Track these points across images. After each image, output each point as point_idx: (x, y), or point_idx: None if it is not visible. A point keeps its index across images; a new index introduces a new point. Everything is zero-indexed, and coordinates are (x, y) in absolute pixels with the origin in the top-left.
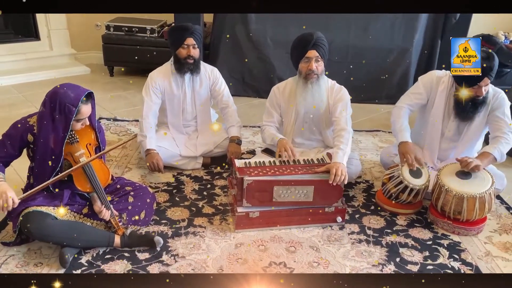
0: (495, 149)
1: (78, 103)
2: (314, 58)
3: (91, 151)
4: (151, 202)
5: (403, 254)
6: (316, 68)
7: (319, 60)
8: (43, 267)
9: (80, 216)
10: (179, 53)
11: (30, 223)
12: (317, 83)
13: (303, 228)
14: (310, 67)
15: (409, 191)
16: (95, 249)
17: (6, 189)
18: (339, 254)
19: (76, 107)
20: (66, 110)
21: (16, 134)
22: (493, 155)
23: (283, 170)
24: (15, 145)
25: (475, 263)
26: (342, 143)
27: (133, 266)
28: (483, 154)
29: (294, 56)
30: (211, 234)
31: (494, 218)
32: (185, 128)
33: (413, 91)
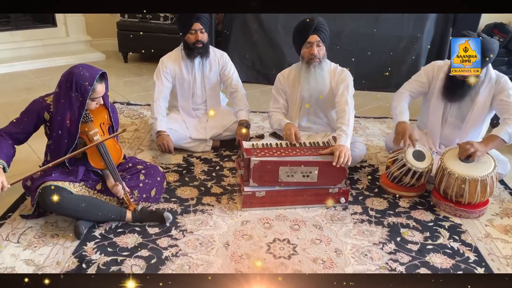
0: (502, 131)
1: (93, 81)
2: (316, 43)
3: (105, 130)
4: (162, 180)
5: (404, 234)
6: (318, 53)
7: (320, 44)
8: (59, 238)
9: (94, 191)
10: (188, 38)
11: (47, 197)
12: (320, 66)
13: (307, 208)
14: (312, 52)
15: (412, 173)
16: (108, 223)
17: None
18: (341, 233)
19: (91, 85)
20: (82, 88)
21: (34, 111)
22: (500, 137)
23: (289, 152)
24: (31, 122)
25: (474, 244)
26: (343, 124)
27: (143, 240)
28: (491, 137)
29: (296, 42)
30: (218, 212)
31: (496, 202)
32: (195, 111)
33: (415, 78)
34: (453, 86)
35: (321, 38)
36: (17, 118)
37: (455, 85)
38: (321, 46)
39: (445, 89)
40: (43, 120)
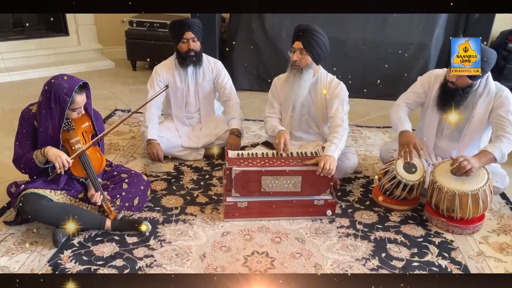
0: (496, 148)
1: (71, 93)
2: (299, 50)
3: (88, 138)
4: (145, 189)
5: (390, 250)
6: (298, 60)
7: (304, 53)
8: (38, 246)
9: (75, 200)
10: (180, 47)
11: (26, 204)
12: (299, 76)
13: (292, 220)
14: (292, 58)
15: (402, 186)
16: (88, 232)
17: (59, 153)
18: (324, 247)
19: (70, 97)
20: (61, 99)
21: (25, 122)
22: (493, 154)
23: (274, 162)
24: (30, 133)
25: (464, 262)
26: (335, 138)
27: (120, 249)
28: (483, 153)
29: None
30: (200, 222)
31: (495, 218)
32: (188, 120)
33: (412, 89)
34: (446, 95)
35: (305, 46)
36: (17, 139)
37: (447, 94)
38: (304, 55)
39: (438, 99)
40: (35, 129)
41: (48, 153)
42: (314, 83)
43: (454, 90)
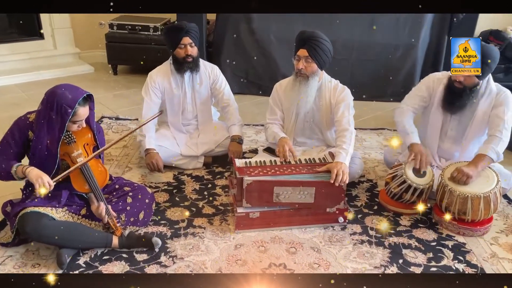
0: (489, 149)
1: (75, 105)
2: (304, 58)
3: (89, 151)
4: (150, 202)
5: (406, 255)
6: (304, 68)
7: (309, 60)
8: (41, 268)
9: (78, 217)
10: (177, 53)
11: (26, 224)
12: (305, 83)
13: (304, 229)
14: (298, 66)
15: (412, 190)
16: (93, 250)
17: (41, 174)
18: (341, 255)
19: (72, 108)
20: (62, 110)
21: (18, 130)
22: (488, 156)
23: (284, 170)
24: (19, 142)
25: (480, 265)
26: (344, 143)
27: (130, 268)
28: (479, 157)
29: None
30: (210, 235)
31: (501, 218)
32: (185, 127)
33: (417, 93)
34: (452, 96)
35: (311, 54)
36: (1, 143)
37: (454, 95)
38: (310, 63)
39: (444, 101)
40: (28, 139)
41: (29, 174)
42: (318, 89)
43: (461, 90)
